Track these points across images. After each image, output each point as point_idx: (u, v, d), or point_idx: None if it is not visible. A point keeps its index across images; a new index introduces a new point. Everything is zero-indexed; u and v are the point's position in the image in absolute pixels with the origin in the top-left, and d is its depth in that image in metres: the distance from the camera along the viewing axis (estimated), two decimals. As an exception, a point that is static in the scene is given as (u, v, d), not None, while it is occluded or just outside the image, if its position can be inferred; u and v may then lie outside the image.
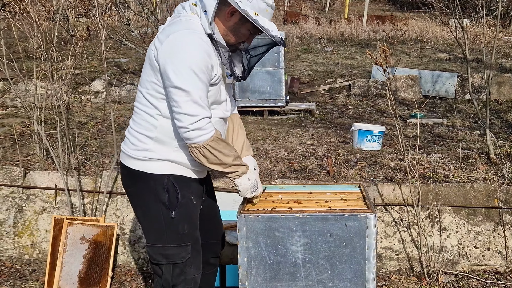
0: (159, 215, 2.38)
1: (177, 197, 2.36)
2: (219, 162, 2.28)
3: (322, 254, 2.28)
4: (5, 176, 4.18)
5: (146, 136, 2.34)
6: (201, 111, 2.20)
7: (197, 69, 2.17)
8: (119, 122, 5.83)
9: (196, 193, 2.46)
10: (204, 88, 2.22)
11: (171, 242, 2.40)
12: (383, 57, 3.23)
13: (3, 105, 6.65)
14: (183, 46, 2.19)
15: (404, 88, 7.77)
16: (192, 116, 2.18)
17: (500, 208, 3.81)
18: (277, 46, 2.41)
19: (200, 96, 2.20)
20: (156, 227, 2.42)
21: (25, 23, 4.19)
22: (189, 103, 2.18)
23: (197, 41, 2.20)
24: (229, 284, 3.31)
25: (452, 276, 3.73)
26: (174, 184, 2.35)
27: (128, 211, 4.03)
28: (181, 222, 2.39)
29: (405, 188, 3.82)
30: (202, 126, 2.20)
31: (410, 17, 14.16)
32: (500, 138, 5.20)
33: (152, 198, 2.38)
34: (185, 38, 2.20)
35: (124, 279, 3.86)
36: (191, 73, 2.17)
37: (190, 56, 2.17)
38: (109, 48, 4.22)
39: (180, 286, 2.44)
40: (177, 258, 2.40)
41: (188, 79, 2.17)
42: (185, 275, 2.43)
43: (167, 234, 2.39)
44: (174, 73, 2.17)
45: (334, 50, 10.37)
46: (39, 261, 4.07)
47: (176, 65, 2.17)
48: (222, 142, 2.29)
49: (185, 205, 2.39)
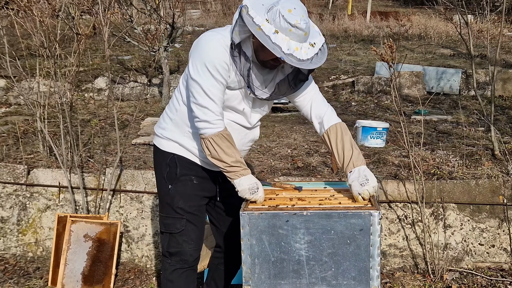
0: (161, 187, 2.66)
1: (175, 173, 2.57)
2: (219, 158, 2.38)
3: (326, 251, 2.27)
4: (9, 173, 4.18)
5: (168, 116, 2.60)
6: (211, 104, 2.34)
7: (211, 66, 2.31)
8: (122, 119, 5.83)
9: (200, 176, 2.61)
10: (217, 85, 2.35)
11: (168, 212, 2.63)
12: (389, 54, 3.21)
13: (6, 103, 6.65)
14: (203, 43, 2.35)
15: (408, 84, 7.73)
16: (203, 107, 2.35)
17: (505, 205, 3.79)
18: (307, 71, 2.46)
19: (212, 91, 2.34)
20: (160, 197, 2.70)
21: (28, 20, 4.19)
22: (202, 95, 2.34)
23: (217, 42, 2.33)
24: (233, 281, 3.31)
25: (456, 273, 3.72)
26: (176, 162, 2.57)
27: (132, 208, 4.03)
28: (176, 196, 2.59)
29: (409, 185, 3.81)
30: (210, 120, 2.35)
31: (414, 13, 14.09)
32: (505, 134, 5.17)
33: (158, 171, 2.66)
34: (207, 37, 2.37)
35: (128, 277, 3.86)
36: (205, 69, 2.32)
37: (206, 53, 2.33)
38: (112, 45, 4.22)
39: (176, 256, 2.66)
40: (172, 228, 2.62)
41: (202, 73, 2.33)
42: (180, 247, 2.64)
43: (165, 205, 2.65)
44: (192, 66, 2.37)
45: (338, 47, 10.34)
46: (43, 258, 4.08)
47: (194, 59, 2.36)
48: (227, 142, 2.38)
49: (182, 182, 2.58)
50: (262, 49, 2.31)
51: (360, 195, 2.38)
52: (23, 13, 4.18)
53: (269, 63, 2.38)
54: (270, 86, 2.48)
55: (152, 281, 3.80)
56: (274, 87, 2.49)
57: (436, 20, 12.08)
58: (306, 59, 2.25)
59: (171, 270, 2.68)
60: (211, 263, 3.03)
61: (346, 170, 2.49)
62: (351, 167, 2.47)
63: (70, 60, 4.26)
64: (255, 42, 2.33)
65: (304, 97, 2.60)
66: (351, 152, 2.49)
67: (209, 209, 2.78)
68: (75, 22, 4.47)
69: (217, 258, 2.94)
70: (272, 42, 2.19)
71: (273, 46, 2.19)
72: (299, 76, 2.47)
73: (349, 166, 2.48)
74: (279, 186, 2.72)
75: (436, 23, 11.78)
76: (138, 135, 5.16)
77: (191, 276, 2.71)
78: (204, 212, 2.72)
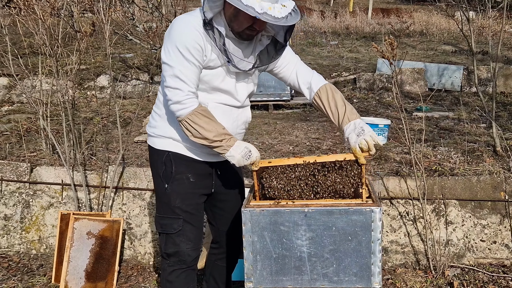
0: (157, 186, 2.64)
1: (171, 171, 2.54)
2: (201, 136, 2.35)
3: (328, 248, 2.28)
4: (12, 171, 4.20)
5: (157, 113, 2.57)
6: (182, 85, 2.32)
7: (182, 48, 2.31)
8: (124, 117, 5.84)
9: (196, 172, 2.58)
10: (189, 66, 2.33)
11: (165, 212, 2.61)
12: (389, 51, 3.21)
13: (9, 101, 6.67)
14: (174, 27, 2.36)
15: (409, 81, 7.73)
16: (174, 89, 2.33)
17: (506, 201, 3.79)
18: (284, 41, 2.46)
19: (183, 72, 2.32)
20: (157, 197, 2.69)
21: (30, 19, 4.20)
22: (172, 77, 2.33)
23: (188, 24, 2.34)
24: (235, 278, 3.32)
25: (458, 269, 3.73)
26: (171, 160, 2.54)
27: (134, 205, 4.05)
28: (173, 195, 2.56)
29: (410, 182, 3.82)
30: (182, 100, 2.32)
31: (416, 9, 14.07)
32: (506, 131, 5.17)
33: (154, 170, 2.63)
34: (178, 21, 2.38)
35: (131, 274, 3.88)
36: (176, 51, 2.32)
37: (177, 36, 2.33)
38: (114, 43, 4.23)
39: (174, 257, 2.63)
40: (169, 228, 2.60)
41: (173, 55, 2.33)
42: (178, 247, 2.61)
43: (162, 205, 2.63)
44: (163, 51, 2.37)
45: (339, 44, 10.33)
46: (46, 256, 4.10)
47: (166, 43, 2.37)
48: (204, 117, 2.34)
49: (179, 180, 2.56)
50: (235, 18, 2.32)
51: (358, 145, 2.39)
52: (25, 12, 4.19)
53: (245, 33, 2.37)
54: (251, 58, 2.47)
55: (154, 277, 3.82)
56: (256, 58, 2.48)
57: (437, 16, 12.06)
58: (281, 17, 2.26)
59: (170, 271, 2.65)
60: (208, 259, 3.02)
61: (342, 126, 2.49)
62: (346, 122, 2.48)
63: (72, 58, 4.28)
64: (227, 14, 2.34)
65: (288, 66, 2.61)
66: (344, 108, 2.50)
67: (205, 207, 2.76)
68: (76, 20, 4.47)
69: (214, 254, 2.94)
70: (244, 4, 2.20)
71: (246, 8, 2.19)
72: (277, 44, 2.48)
73: (344, 121, 2.49)
74: None
75: (437, 20, 11.76)
76: (140, 132, 5.18)
77: (190, 275, 2.69)
78: (202, 211, 2.69)
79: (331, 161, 2.43)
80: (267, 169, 2.44)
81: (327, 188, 2.43)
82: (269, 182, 2.44)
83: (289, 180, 2.44)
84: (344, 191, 2.42)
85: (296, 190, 2.44)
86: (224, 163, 2.64)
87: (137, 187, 4.05)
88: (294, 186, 2.43)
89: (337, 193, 2.43)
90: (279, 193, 2.43)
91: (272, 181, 2.44)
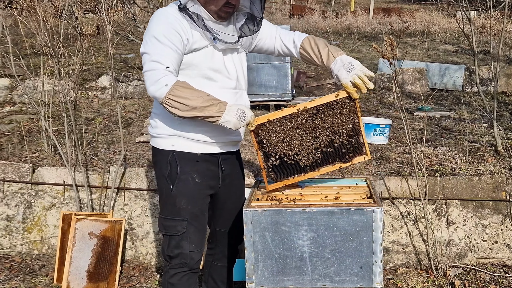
0: (162, 187, 2.60)
1: (176, 172, 2.52)
2: (189, 109, 2.29)
3: (329, 248, 2.28)
4: (14, 172, 4.21)
5: (156, 114, 2.56)
6: (157, 65, 2.30)
7: (159, 35, 2.33)
8: (126, 117, 5.85)
9: (202, 172, 2.57)
10: (166, 49, 2.33)
11: (169, 214, 2.58)
12: (389, 51, 3.21)
13: (10, 102, 6.68)
14: (152, 20, 2.41)
15: (411, 81, 7.73)
16: (150, 71, 2.31)
17: (508, 201, 3.79)
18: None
19: (159, 54, 2.31)
20: (161, 199, 2.64)
21: (32, 19, 4.21)
22: (149, 62, 2.32)
23: (163, 15, 2.38)
24: (236, 278, 3.32)
25: (459, 269, 3.73)
26: (176, 160, 2.52)
27: (136, 206, 4.05)
28: (179, 197, 2.54)
29: (412, 182, 3.82)
30: (159, 79, 2.28)
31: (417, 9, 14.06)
32: (508, 130, 5.17)
33: (159, 171, 2.60)
34: (155, 14, 2.43)
35: (133, 274, 3.89)
36: (153, 39, 2.34)
37: (153, 27, 2.37)
38: (116, 43, 4.24)
39: (177, 259, 2.60)
40: (173, 230, 2.57)
41: (150, 44, 2.34)
42: (181, 249, 2.58)
43: (166, 206, 2.59)
44: (142, 44, 2.39)
45: (341, 44, 10.33)
46: (48, 256, 4.11)
47: (144, 36, 2.39)
48: (186, 89, 2.30)
49: (184, 181, 2.54)
50: None
51: (351, 82, 2.43)
52: (27, 13, 4.20)
53: (223, 11, 2.42)
54: (234, 33, 2.50)
55: (156, 278, 3.83)
56: (239, 32, 2.50)
57: (439, 16, 12.06)
58: None
59: (172, 274, 2.63)
60: (206, 260, 3.02)
61: (329, 64, 2.52)
62: (332, 59, 2.52)
63: (73, 59, 4.28)
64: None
65: (270, 35, 2.67)
66: (326, 48, 2.55)
67: None
68: (78, 21, 4.48)
69: (210, 255, 2.94)
70: None
71: None
72: (254, 18, 2.52)
73: (329, 59, 2.52)
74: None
75: (439, 19, 11.75)
76: (142, 133, 5.18)
77: (192, 278, 2.67)
78: (206, 213, 2.67)
79: (325, 102, 2.46)
80: (263, 125, 2.45)
81: (325, 130, 2.46)
82: (267, 138, 2.45)
83: (287, 131, 2.46)
84: (343, 129, 2.46)
85: (296, 140, 2.46)
86: (229, 161, 2.66)
87: (138, 187, 4.05)
88: (294, 136, 2.46)
89: (336, 133, 2.47)
90: (280, 147, 2.45)
91: (270, 136, 2.45)
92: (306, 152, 2.48)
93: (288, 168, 2.51)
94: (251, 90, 6.77)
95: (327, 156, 2.50)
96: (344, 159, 2.52)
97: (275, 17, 14.92)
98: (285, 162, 2.49)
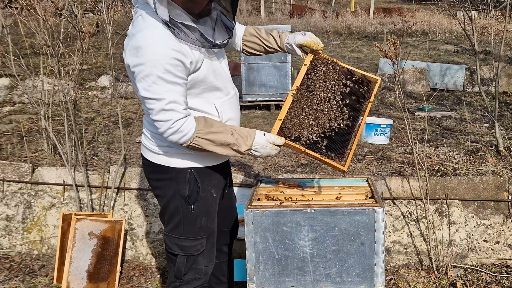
0: (178, 208, 2.40)
1: (197, 190, 2.38)
2: (220, 144, 2.24)
3: (330, 248, 2.27)
4: (14, 172, 4.20)
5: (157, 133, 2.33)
6: (173, 115, 2.13)
7: (163, 73, 2.08)
8: (126, 117, 5.84)
9: (217, 185, 2.49)
10: (175, 88, 2.13)
11: (188, 234, 2.42)
12: (392, 50, 3.20)
13: (10, 101, 6.67)
14: (144, 51, 2.08)
15: (412, 81, 7.71)
16: (165, 121, 2.14)
17: (509, 201, 3.78)
18: None
19: (170, 101, 2.12)
20: (173, 218, 2.44)
21: (32, 19, 4.20)
22: (160, 110, 2.13)
23: (156, 41, 2.08)
24: (237, 279, 3.32)
25: (461, 269, 3.72)
26: (196, 177, 2.37)
27: (136, 206, 4.04)
28: (200, 216, 2.42)
29: (413, 182, 3.80)
30: (179, 128, 2.16)
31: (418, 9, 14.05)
32: (509, 130, 5.16)
33: (173, 191, 2.39)
34: (144, 41, 2.09)
35: (133, 274, 3.87)
36: (158, 80, 2.08)
37: (152, 62, 2.07)
38: (116, 43, 4.22)
39: (190, 274, 2.47)
40: (192, 250, 2.44)
41: (156, 87, 2.10)
42: (196, 264, 2.46)
43: (184, 226, 2.42)
44: (140, 83, 2.11)
45: (341, 44, 10.33)
46: (48, 256, 4.10)
47: (140, 74, 2.10)
48: (209, 126, 2.21)
49: (204, 199, 2.42)
50: (191, 2, 2.13)
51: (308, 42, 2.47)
52: (27, 12, 4.18)
53: (206, 10, 2.19)
54: (218, 29, 2.29)
55: (156, 278, 3.81)
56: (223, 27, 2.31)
57: (440, 16, 12.05)
58: None
59: None
60: None
61: (283, 42, 2.52)
62: (284, 36, 2.53)
63: (73, 59, 4.27)
64: (179, 1, 2.12)
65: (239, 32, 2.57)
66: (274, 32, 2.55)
67: None
68: (78, 20, 4.47)
69: None
70: None
71: None
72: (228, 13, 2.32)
73: (281, 38, 2.53)
74: (282, 184, 2.73)
75: (440, 19, 11.74)
76: (141, 133, 5.17)
77: None
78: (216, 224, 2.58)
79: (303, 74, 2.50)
80: (283, 129, 2.46)
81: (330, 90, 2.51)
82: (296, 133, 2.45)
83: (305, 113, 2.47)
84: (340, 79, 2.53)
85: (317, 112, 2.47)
86: (227, 164, 2.63)
87: (138, 187, 4.04)
88: (312, 112, 2.46)
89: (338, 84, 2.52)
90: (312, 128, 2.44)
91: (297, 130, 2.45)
92: (334, 114, 2.45)
93: (337, 139, 2.43)
94: (252, 90, 6.76)
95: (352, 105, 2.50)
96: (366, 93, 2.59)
97: (276, 17, 14.92)
98: (329, 136, 2.41)
